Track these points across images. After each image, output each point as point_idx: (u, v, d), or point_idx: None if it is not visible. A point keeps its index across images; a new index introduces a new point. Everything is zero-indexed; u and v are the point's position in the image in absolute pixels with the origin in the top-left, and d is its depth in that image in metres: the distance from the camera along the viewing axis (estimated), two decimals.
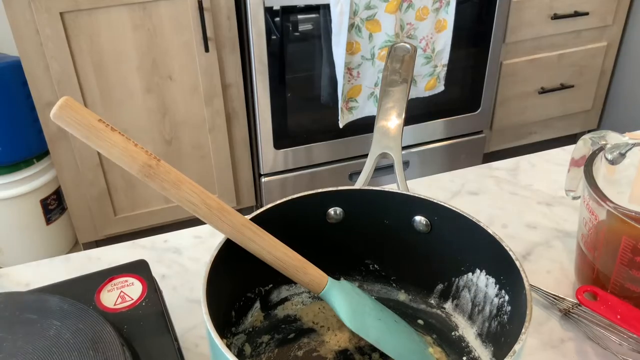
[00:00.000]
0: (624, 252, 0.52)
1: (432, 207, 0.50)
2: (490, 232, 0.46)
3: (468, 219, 0.48)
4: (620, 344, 0.54)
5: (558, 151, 0.84)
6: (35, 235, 1.81)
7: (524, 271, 0.43)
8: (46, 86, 1.55)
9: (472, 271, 0.51)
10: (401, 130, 0.59)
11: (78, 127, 0.41)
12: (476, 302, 0.51)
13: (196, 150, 1.79)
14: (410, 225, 0.52)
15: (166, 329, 0.45)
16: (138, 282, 0.48)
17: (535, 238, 0.68)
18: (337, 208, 0.53)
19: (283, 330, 0.54)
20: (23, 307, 0.43)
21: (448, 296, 0.54)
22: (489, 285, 0.49)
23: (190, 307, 0.58)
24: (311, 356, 0.52)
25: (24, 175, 1.72)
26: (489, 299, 0.49)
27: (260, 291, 0.54)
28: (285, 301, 0.56)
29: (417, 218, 0.52)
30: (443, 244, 0.51)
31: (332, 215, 0.53)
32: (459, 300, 0.53)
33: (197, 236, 0.68)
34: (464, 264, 0.51)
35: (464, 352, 0.52)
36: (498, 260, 0.46)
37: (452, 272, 0.52)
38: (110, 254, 0.65)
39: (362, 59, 1.61)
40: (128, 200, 1.81)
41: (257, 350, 0.52)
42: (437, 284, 0.54)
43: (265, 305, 0.55)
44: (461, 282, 0.52)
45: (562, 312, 0.58)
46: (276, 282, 0.55)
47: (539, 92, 2.03)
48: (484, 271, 0.49)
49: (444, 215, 0.50)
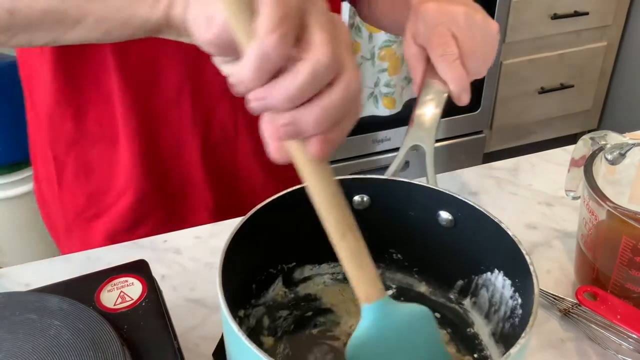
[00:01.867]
0: (624, 252, 0.52)
1: (457, 203, 0.50)
2: (510, 235, 0.46)
3: (490, 219, 0.48)
4: (620, 344, 0.54)
5: (558, 151, 0.84)
6: (35, 235, 1.81)
7: (536, 277, 0.43)
8: None
9: (491, 271, 0.50)
10: (436, 124, 0.58)
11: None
12: (493, 302, 0.51)
13: None
14: (435, 219, 0.52)
15: (166, 329, 0.45)
16: (138, 282, 0.48)
17: (535, 238, 0.68)
18: (363, 195, 0.53)
19: (302, 308, 0.56)
20: (23, 307, 0.43)
21: (467, 293, 0.54)
22: (505, 286, 0.49)
23: (190, 307, 0.58)
24: (325, 335, 0.53)
25: (24, 175, 1.72)
26: (505, 300, 0.49)
27: (283, 268, 0.55)
28: (308, 280, 0.57)
29: (442, 213, 0.52)
30: (465, 241, 0.51)
31: (358, 202, 0.53)
32: (477, 298, 0.53)
33: (197, 236, 0.68)
34: (484, 262, 0.51)
35: (477, 349, 0.52)
36: (515, 263, 0.46)
37: (473, 269, 0.52)
38: (110, 254, 0.65)
39: (362, 59, 1.61)
40: None
41: (275, 324, 0.54)
42: (457, 279, 0.54)
43: (288, 282, 0.56)
44: (480, 281, 0.52)
45: (562, 312, 0.58)
46: (300, 261, 0.56)
47: (539, 92, 2.03)
48: (502, 272, 0.49)
49: (468, 212, 0.50)
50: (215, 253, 0.44)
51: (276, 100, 0.35)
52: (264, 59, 0.34)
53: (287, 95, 0.34)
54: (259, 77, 0.34)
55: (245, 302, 0.52)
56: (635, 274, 0.53)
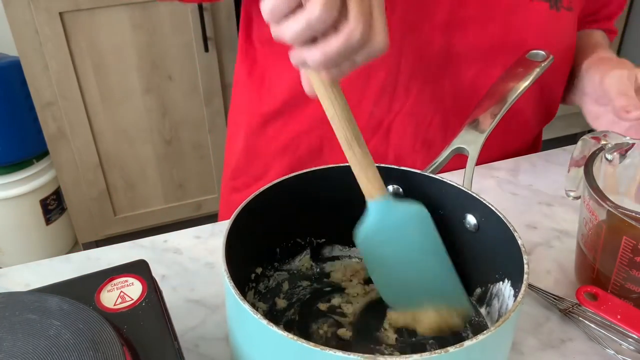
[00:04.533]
0: (624, 252, 0.52)
1: (481, 207, 0.50)
2: (519, 243, 0.45)
3: (506, 225, 0.47)
4: (620, 344, 0.54)
5: (558, 151, 0.84)
6: (35, 235, 1.81)
7: (525, 285, 0.42)
8: (45, 86, 1.55)
9: (502, 280, 0.50)
10: (488, 130, 0.59)
11: None
12: (501, 313, 0.50)
13: (196, 150, 1.79)
14: (462, 222, 0.52)
15: (166, 329, 0.45)
16: (138, 282, 0.48)
17: (535, 238, 0.68)
18: (398, 186, 0.55)
19: (323, 283, 0.58)
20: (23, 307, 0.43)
21: (483, 302, 0.53)
22: (510, 297, 0.48)
23: (190, 307, 0.58)
24: (335, 311, 0.55)
25: (24, 176, 1.72)
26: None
27: (312, 242, 0.59)
28: (336, 260, 0.60)
29: (469, 216, 0.52)
30: (485, 247, 0.51)
31: (392, 191, 0.55)
32: (490, 308, 0.52)
33: (197, 236, 0.68)
34: (498, 271, 0.50)
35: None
36: (518, 272, 0.45)
37: (489, 277, 0.52)
38: (110, 254, 0.65)
39: None
40: (128, 200, 1.81)
41: (293, 291, 0.57)
42: (476, 287, 0.54)
43: (316, 257, 0.60)
44: (494, 290, 0.51)
45: (562, 312, 0.58)
46: (330, 239, 0.60)
47: None
48: (509, 282, 0.49)
49: (489, 217, 0.49)
50: (215, 253, 0.44)
51: (281, 34, 0.42)
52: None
53: (294, 33, 0.41)
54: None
55: (266, 262, 0.56)
56: (635, 274, 0.53)
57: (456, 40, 0.71)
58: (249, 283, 0.55)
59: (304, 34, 0.41)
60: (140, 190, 1.81)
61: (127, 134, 1.70)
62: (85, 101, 1.61)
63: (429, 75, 0.73)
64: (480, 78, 0.72)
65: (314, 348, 0.36)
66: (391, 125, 0.76)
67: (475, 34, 0.71)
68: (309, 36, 0.42)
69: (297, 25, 0.41)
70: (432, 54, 0.72)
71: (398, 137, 0.77)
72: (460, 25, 0.70)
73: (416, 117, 0.75)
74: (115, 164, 1.74)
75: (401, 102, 0.75)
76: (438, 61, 0.72)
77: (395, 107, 0.75)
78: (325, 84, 0.45)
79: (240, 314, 0.40)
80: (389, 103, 0.75)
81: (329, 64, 0.43)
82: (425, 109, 0.75)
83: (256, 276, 0.55)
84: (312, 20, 0.40)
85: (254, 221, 0.48)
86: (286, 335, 0.36)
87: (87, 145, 1.67)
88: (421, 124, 0.76)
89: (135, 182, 1.79)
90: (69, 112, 1.60)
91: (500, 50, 0.72)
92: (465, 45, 0.71)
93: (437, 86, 0.74)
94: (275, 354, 0.39)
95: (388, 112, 0.75)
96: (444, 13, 0.69)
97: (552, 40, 0.73)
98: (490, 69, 0.71)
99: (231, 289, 0.40)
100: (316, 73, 0.45)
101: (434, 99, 0.74)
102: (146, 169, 1.77)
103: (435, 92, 0.74)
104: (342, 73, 0.45)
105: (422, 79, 0.73)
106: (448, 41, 0.71)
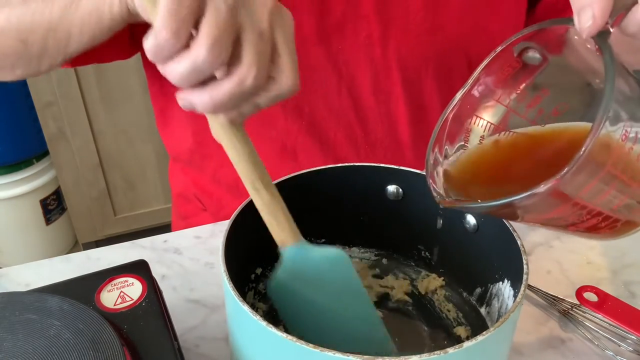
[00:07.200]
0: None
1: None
2: (519, 244, 0.45)
3: (506, 225, 0.47)
4: (620, 345, 0.54)
5: None
6: (35, 235, 1.81)
7: (525, 286, 0.42)
8: (46, 86, 1.55)
9: (502, 280, 0.50)
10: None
11: None
12: (501, 313, 0.50)
13: None
14: (462, 222, 0.52)
15: (166, 329, 0.45)
16: (138, 282, 0.48)
17: (535, 238, 0.68)
18: (398, 187, 0.54)
19: None
20: (23, 307, 0.44)
21: (483, 302, 0.53)
22: (510, 297, 0.48)
23: (190, 307, 0.58)
24: None
25: (24, 176, 1.72)
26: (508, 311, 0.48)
27: (312, 241, 0.58)
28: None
29: (469, 216, 0.52)
30: (485, 247, 0.51)
31: (391, 192, 0.55)
32: (490, 308, 0.52)
33: (197, 236, 0.68)
34: (497, 271, 0.50)
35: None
36: (518, 272, 0.45)
37: (489, 277, 0.52)
38: (110, 254, 0.65)
39: None
40: (128, 200, 1.81)
41: None
42: (476, 287, 0.54)
43: None
44: (494, 290, 0.51)
45: (562, 312, 0.58)
46: (330, 239, 0.59)
47: None
48: (509, 282, 0.49)
49: (489, 217, 0.50)
50: (215, 253, 0.44)
51: (167, 75, 0.38)
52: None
53: (178, 75, 0.38)
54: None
55: (266, 262, 0.55)
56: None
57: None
58: (249, 283, 0.55)
59: (190, 77, 0.38)
60: (140, 190, 1.81)
61: (127, 134, 1.70)
62: (85, 101, 1.60)
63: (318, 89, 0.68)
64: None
65: (313, 349, 0.36)
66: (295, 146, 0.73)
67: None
68: (196, 79, 0.38)
69: (182, 67, 0.37)
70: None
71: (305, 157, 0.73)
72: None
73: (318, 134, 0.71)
74: (115, 164, 1.74)
75: (298, 122, 0.71)
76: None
77: (294, 128, 0.71)
78: (225, 127, 0.42)
79: (240, 315, 0.40)
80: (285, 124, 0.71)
81: (221, 108, 0.40)
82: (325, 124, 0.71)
83: (256, 276, 0.55)
84: (198, 62, 0.37)
85: (254, 221, 0.48)
86: (285, 336, 0.36)
87: (87, 145, 1.67)
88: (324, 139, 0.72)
89: (135, 182, 1.79)
90: (69, 112, 1.60)
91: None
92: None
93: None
94: (275, 355, 0.39)
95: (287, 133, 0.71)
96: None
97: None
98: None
99: (230, 289, 0.40)
100: (214, 116, 0.41)
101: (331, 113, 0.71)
102: (146, 169, 1.77)
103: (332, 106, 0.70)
104: (242, 115, 0.41)
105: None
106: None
